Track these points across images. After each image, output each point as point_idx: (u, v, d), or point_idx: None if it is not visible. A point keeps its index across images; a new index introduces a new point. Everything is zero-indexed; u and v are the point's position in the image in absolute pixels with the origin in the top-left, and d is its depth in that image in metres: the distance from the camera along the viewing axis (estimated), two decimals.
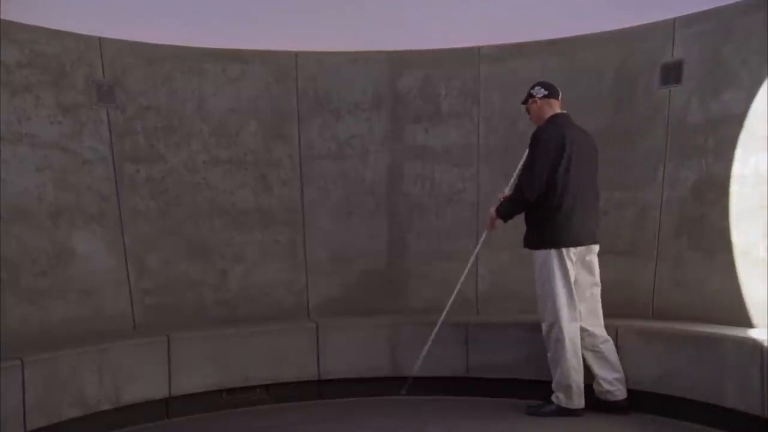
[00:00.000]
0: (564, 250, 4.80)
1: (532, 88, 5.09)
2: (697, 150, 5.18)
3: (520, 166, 5.05)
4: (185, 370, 5.00)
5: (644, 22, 5.59)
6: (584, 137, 4.98)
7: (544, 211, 4.83)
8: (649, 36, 5.57)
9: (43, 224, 5.05)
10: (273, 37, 5.98)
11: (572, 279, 4.81)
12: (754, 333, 4.42)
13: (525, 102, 5.14)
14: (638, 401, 4.83)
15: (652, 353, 4.75)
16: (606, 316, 5.16)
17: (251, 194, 5.91)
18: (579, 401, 4.79)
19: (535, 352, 5.19)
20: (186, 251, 5.67)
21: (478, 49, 6.10)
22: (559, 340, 4.77)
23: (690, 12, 5.35)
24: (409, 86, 6.12)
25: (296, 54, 6.06)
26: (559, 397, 4.81)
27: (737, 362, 4.28)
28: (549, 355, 4.85)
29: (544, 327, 4.85)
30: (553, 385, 4.84)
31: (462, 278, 5.23)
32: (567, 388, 4.79)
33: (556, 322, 4.78)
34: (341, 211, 6.04)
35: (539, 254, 4.86)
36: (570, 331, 4.78)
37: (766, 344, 4.12)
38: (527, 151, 4.94)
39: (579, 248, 4.85)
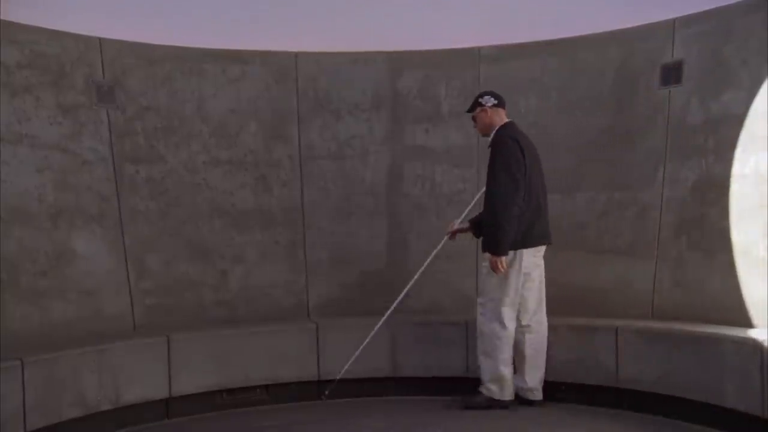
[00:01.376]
0: (526, 251, 4.96)
1: (481, 97, 5.16)
2: (697, 150, 5.18)
3: (477, 197, 5.23)
4: (185, 370, 5.00)
5: (644, 23, 5.59)
6: (532, 144, 5.11)
7: None
8: (650, 36, 5.57)
9: (43, 225, 5.05)
10: (273, 37, 5.98)
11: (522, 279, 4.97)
12: (754, 333, 4.42)
13: (472, 110, 5.20)
14: (638, 401, 4.83)
15: (652, 353, 4.74)
16: (606, 316, 5.19)
17: (251, 195, 5.91)
18: (510, 394, 4.97)
19: None
20: (186, 252, 5.67)
21: (479, 49, 6.10)
22: (499, 337, 4.92)
23: (690, 12, 5.36)
24: (410, 86, 6.12)
25: (296, 54, 6.07)
26: (491, 389, 4.96)
27: (737, 362, 4.28)
28: (481, 348, 4.99)
29: (485, 322, 4.97)
30: (485, 377, 4.98)
31: (412, 282, 5.30)
32: (500, 381, 4.94)
33: (498, 319, 4.92)
34: (341, 211, 6.04)
35: (489, 257, 4.94)
36: (510, 328, 4.94)
37: (766, 344, 4.11)
38: (489, 161, 5.00)
39: (538, 247, 5.04)
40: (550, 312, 5.14)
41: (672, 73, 5.38)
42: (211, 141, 5.84)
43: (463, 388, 5.24)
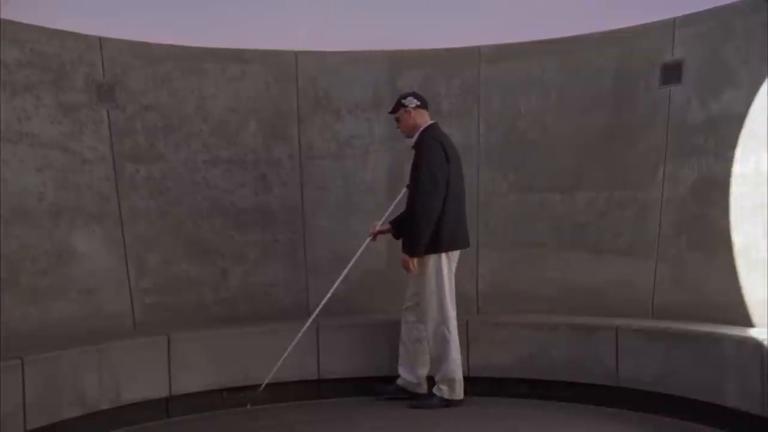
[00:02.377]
0: (451, 253, 5.08)
1: (404, 98, 5.23)
2: (697, 149, 5.19)
3: (399, 197, 5.26)
4: (185, 369, 5.00)
5: (644, 22, 5.59)
6: (455, 147, 5.19)
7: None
8: (650, 36, 5.57)
9: (43, 224, 5.05)
10: (273, 36, 5.97)
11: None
12: (754, 332, 4.42)
13: (394, 111, 5.25)
14: (638, 400, 4.83)
15: (653, 353, 4.74)
16: (606, 315, 5.20)
17: (251, 194, 5.91)
18: (461, 393, 5.07)
19: (535, 352, 5.21)
20: (186, 251, 5.68)
21: (478, 48, 6.10)
22: (446, 339, 5.02)
23: (690, 12, 5.35)
24: (410, 86, 6.09)
25: (296, 54, 6.06)
26: (442, 390, 5.04)
27: (737, 362, 4.29)
28: (433, 351, 5.06)
29: (430, 326, 5.04)
30: (438, 379, 5.05)
31: (337, 282, 5.31)
32: (451, 382, 5.03)
33: (443, 322, 5.02)
34: (341, 211, 6.04)
35: (431, 258, 5.02)
36: (454, 328, 5.05)
37: (766, 343, 4.12)
38: (414, 162, 5.07)
39: (460, 250, 5.16)
40: (552, 310, 5.14)
41: (672, 73, 5.39)
42: (211, 140, 5.84)
43: (465, 387, 5.22)
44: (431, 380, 5.14)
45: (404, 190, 5.24)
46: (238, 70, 5.94)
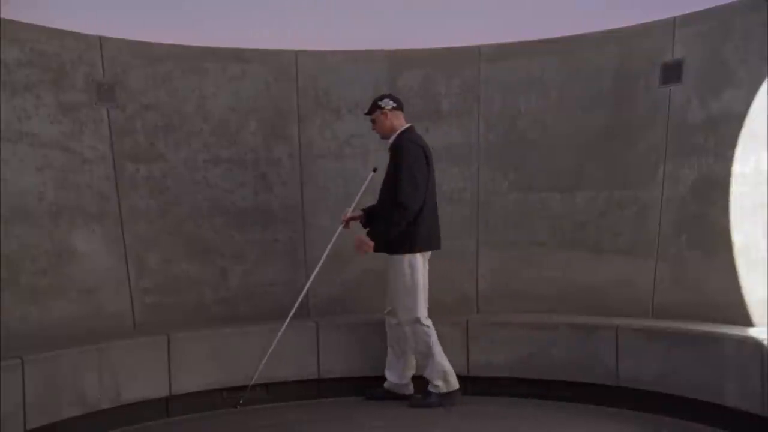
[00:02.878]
0: (425, 253, 5.16)
1: (381, 99, 5.27)
2: (697, 149, 5.18)
3: (367, 183, 5.35)
4: (185, 368, 5.00)
5: (644, 21, 5.59)
6: (430, 149, 5.25)
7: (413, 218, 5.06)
8: (650, 35, 5.57)
9: (43, 223, 5.05)
10: (273, 36, 5.97)
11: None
12: (754, 332, 4.42)
13: (371, 113, 5.29)
14: (638, 400, 4.83)
15: (653, 352, 4.75)
16: (606, 314, 5.20)
17: (251, 193, 5.91)
18: (455, 382, 5.10)
19: (535, 351, 5.21)
20: (186, 250, 5.68)
21: (479, 48, 6.10)
22: (426, 334, 5.07)
23: (690, 11, 5.35)
24: (410, 85, 6.12)
25: (296, 53, 6.06)
26: (438, 386, 5.07)
27: (737, 361, 4.29)
28: (416, 349, 5.12)
29: (407, 324, 5.08)
30: (429, 376, 5.09)
31: (308, 283, 5.39)
32: (444, 374, 5.07)
33: (418, 320, 5.06)
34: (341, 210, 6.02)
35: (406, 257, 5.06)
36: (430, 324, 5.10)
37: (766, 343, 4.12)
38: (392, 163, 5.13)
39: (432, 251, 5.22)
40: (552, 310, 5.14)
41: (672, 72, 5.39)
42: (212, 139, 5.84)
43: (464, 386, 5.24)
44: (420, 380, 5.14)
45: (371, 174, 5.36)
46: (239, 70, 5.93)
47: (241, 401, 5.16)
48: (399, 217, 4.98)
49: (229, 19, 6.03)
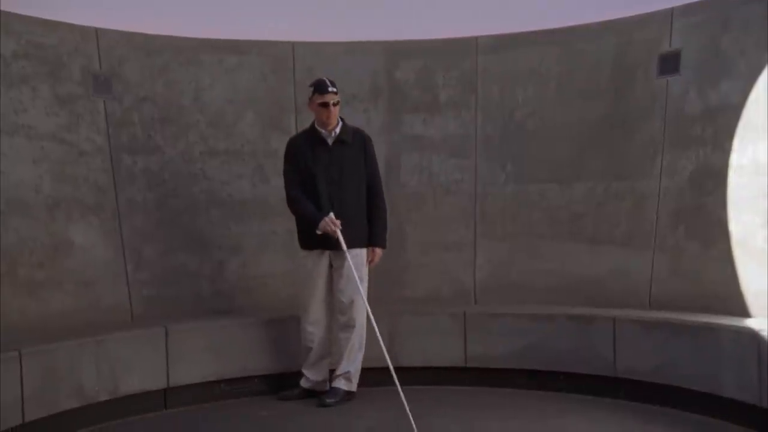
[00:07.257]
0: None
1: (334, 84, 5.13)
2: (695, 140, 5.18)
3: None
4: (183, 360, 4.99)
5: (642, 12, 5.58)
6: None
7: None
8: (647, 26, 5.56)
9: (40, 216, 5.04)
10: (270, 27, 5.96)
11: None
12: (751, 323, 4.43)
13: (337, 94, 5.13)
14: (636, 391, 4.84)
15: (650, 343, 4.75)
16: (604, 305, 5.20)
17: (248, 185, 5.90)
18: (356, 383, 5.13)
19: (532, 342, 5.21)
20: (183, 242, 5.67)
21: (476, 39, 6.08)
22: (365, 330, 5.03)
23: (688, 2, 5.34)
24: (407, 76, 6.11)
25: (293, 44, 6.05)
26: (352, 383, 5.07)
27: (735, 352, 4.29)
28: (356, 343, 5.05)
29: (361, 318, 5.02)
30: (353, 373, 5.07)
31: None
32: (358, 374, 5.10)
33: (366, 317, 4.95)
34: None
35: (365, 250, 5.09)
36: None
37: (763, 334, 4.12)
38: (359, 155, 5.14)
39: None
40: (549, 301, 5.14)
41: (670, 63, 5.38)
42: (208, 131, 5.83)
43: (462, 378, 5.26)
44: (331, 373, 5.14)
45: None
46: (235, 61, 5.92)
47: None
48: (385, 211, 5.04)
49: (225, 11, 6.02)
